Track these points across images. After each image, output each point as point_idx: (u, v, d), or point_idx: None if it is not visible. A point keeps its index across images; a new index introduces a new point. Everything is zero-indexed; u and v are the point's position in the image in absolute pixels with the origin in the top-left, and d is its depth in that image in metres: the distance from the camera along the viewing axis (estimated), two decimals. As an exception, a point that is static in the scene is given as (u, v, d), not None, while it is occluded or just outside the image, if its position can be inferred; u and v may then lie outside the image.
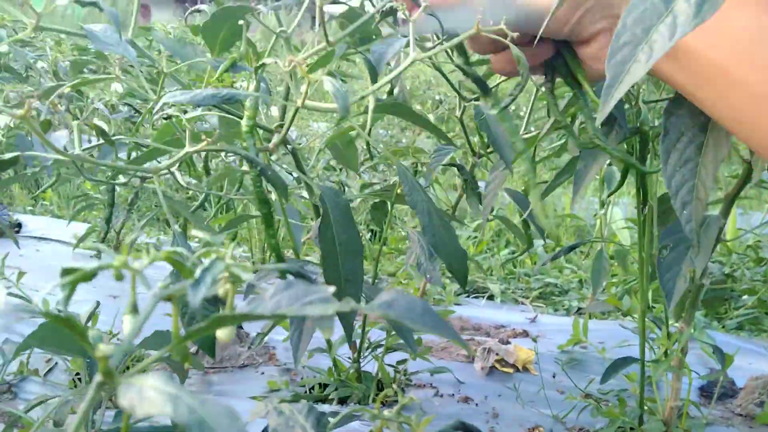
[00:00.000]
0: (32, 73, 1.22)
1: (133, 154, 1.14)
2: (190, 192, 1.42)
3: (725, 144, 0.48)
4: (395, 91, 0.92)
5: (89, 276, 0.29)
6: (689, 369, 0.94)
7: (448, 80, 0.89)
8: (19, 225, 1.98)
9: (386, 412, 0.32)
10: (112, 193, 1.31)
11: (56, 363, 1.11)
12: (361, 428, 0.87)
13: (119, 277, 0.27)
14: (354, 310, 0.27)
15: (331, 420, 0.40)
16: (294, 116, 0.53)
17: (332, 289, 0.27)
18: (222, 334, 0.29)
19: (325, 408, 0.85)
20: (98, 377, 0.24)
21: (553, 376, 1.13)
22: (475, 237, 2.10)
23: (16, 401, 1.02)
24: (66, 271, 0.29)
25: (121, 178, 1.32)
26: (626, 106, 0.86)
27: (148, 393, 0.20)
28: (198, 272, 0.25)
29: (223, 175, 0.87)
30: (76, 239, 1.77)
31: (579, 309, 1.57)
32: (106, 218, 1.30)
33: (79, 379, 1.02)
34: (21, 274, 1.09)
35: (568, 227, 2.23)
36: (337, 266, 0.52)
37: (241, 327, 1.26)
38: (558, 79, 0.56)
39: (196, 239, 0.35)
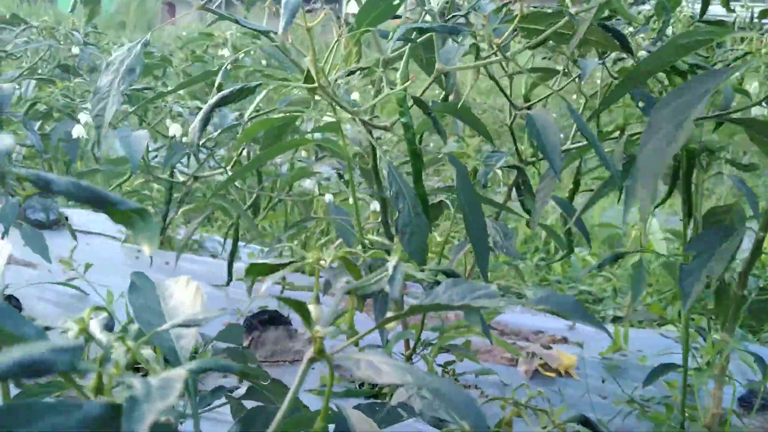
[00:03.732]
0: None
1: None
2: (232, 195, 1.47)
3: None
4: (450, 97, 0.97)
5: (275, 269, 0.34)
6: (732, 378, 0.97)
7: (500, 88, 0.94)
8: (66, 218, 2.04)
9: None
10: (170, 191, 1.37)
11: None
12: (415, 424, 0.91)
13: (312, 273, 0.32)
14: (512, 303, 0.31)
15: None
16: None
17: (494, 287, 0.31)
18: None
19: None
20: (309, 353, 0.29)
21: (603, 381, 1.16)
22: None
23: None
24: (252, 267, 0.34)
25: (179, 177, 1.37)
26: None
27: (383, 367, 0.24)
28: (390, 269, 0.30)
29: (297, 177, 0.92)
30: (122, 234, 1.83)
31: (615, 317, 1.60)
32: (163, 215, 1.36)
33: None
34: (87, 266, 1.14)
35: (597, 236, 2.26)
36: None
37: (290, 323, 1.31)
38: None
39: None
